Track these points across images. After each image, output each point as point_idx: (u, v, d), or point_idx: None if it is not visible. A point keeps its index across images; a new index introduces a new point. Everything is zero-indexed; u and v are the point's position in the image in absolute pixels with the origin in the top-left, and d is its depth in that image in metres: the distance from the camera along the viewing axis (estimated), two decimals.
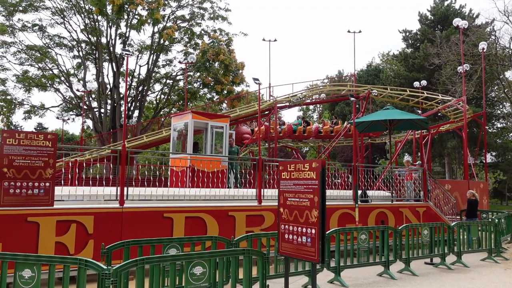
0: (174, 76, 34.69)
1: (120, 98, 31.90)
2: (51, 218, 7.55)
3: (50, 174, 7.63)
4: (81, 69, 33.19)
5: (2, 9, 29.86)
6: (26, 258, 4.60)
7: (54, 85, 32.84)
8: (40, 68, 31.90)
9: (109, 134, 29.58)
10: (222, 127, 14.27)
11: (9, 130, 7.59)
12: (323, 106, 52.21)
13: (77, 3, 30.80)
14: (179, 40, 34.13)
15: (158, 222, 8.59)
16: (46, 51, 31.66)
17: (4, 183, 7.23)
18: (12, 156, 7.33)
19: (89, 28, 31.17)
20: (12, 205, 7.30)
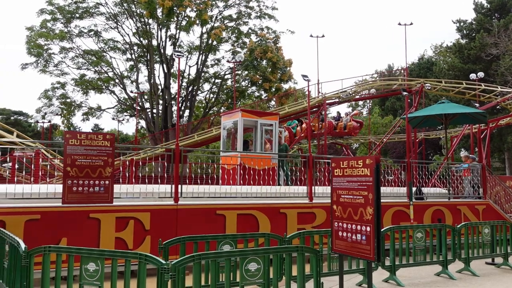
0: (222, 75, 35.15)
1: (171, 98, 32.75)
2: (111, 214, 7.89)
3: (109, 172, 7.98)
4: (134, 71, 34.37)
5: (60, 17, 31.47)
6: (90, 252, 4.83)
7: (109, 88, 34.20)
8: (96, 72, 33.33)
9: (162, 134, 30.45)
10: (271, 125, 14.31)
11: (71, 131, 8.01)
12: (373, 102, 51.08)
13: (129, 8, 31.91)
14: (227, 39, 34.54)
15: (211, 219, 8.76)
16: (102, 55, 33.04)
17: (67, 181, 7.64)
18: (74, 155, 7.73)
19: (141, 32, 32.20)
20: (75, 202, 7.71)
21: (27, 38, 30.95)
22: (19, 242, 5.43)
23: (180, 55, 10.13)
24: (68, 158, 7.67)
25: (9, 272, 5.88)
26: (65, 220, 7.60)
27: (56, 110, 27.50)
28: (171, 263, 4.49)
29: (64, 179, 7.66)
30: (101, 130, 51.85)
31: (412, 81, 24.66)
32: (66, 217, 7.62)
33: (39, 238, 6.98)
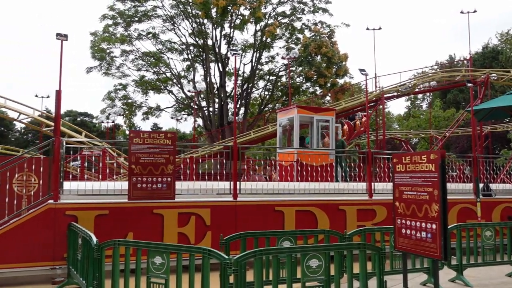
0: (277, 72, 35.18)
1: (227, 96, 33.23)
2: (173, 210, 8.17)
3: (171, 169, 8.25)
4: (190, 71, 35.21)
5: (121, 21, 32.84)
6: (157, 247, 5.03)
7: (168, 87, 35.26)
8: (155, 73, 34.48)
9: (218, 132, 31.01)
10: (328, 121, 14.16)
11: (135, 131, 8.36)
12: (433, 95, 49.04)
13: (185, 9, 32.70)
14: (281, 36, 34.49)
15: (269, 215, 8.82)
16: (160, 56, 34.12)
17: (132, 178, 7.98)
18: (138, 154, 8.06)
19: (196, 32, 32.91)
20: (140, 198, 8.04)
21: (91, 43, 32.59)
22: (91, 236, 5.76)
23: (236, 53, 10.27)
24: (133, 156, 8.01)
25: (82, 263, 6.25)
26: (131, 215, 7.96)
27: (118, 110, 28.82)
28: (234, 258, 4.58)
29: (129, 176, 8.02)
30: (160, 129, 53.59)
31: (477, 71, 23.43)
32: (132, 212, 7.97)
33: (108, 232, 7.35)
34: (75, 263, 6.75)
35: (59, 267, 7.50)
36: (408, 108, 55.72)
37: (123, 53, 33.41)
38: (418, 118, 46.59)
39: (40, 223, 7.45)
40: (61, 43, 7.83)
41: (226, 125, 31.18)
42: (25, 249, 7.34)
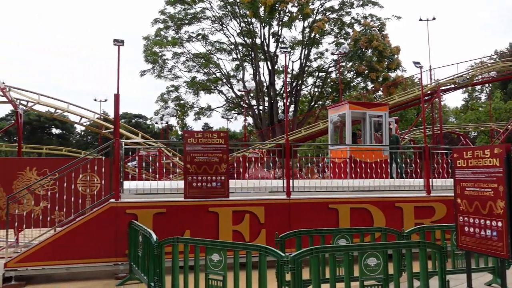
0: (326, 68, 34.79)
1: (276, 94, 33.27)
2: (228, 208, 8.30)
3: (224, 168, 8.38)
4: (239, 70, 35.57)
5: (172, 24, 33.72)
6: (214, 244, 5.13)
7: (218, 88, 35.83)
8: (205, 73, 35.13)
9: (269, 130, 31.12)
10: (380, 116, 13.83)
11: (189, 131, 8.56)
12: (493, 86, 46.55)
13: (233, 9, 33.06)
14: (329, 31, 34.07)
15: (323, 212, 8.75)
16: (209, 57, 34.72)
17: (188, 177, 8.19)
18: (193, 153, 8.25)
19: (245, 31, 33.18)
20: (195, 196, 8.23)
21: (144, 47, 33.71)
22: (151, 233, 5.97)
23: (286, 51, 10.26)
24: (188, 156, 8.20)
25: (143, 260, 6.50)
26: (187, 214, 8.17)
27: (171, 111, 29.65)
28: (290, 256, 4.59)
29: (184, 175, 8.23)
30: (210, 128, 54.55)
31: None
32: (188, 210, 8.18)
33: (166, 230, 7.58)
34: (136, 260, 7.03)
35: (121, 263, 7.83)
36: (466, 100, 53.24)
37: (174, 55, 34.30)
38: (476, 110, 44.39)
39: (103, 221, 7.81)
40: (118, 48, 8.16)
41: (276, 123, 31.22)
42: (89, 246, 7.72)
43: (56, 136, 54.62)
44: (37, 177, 8.63)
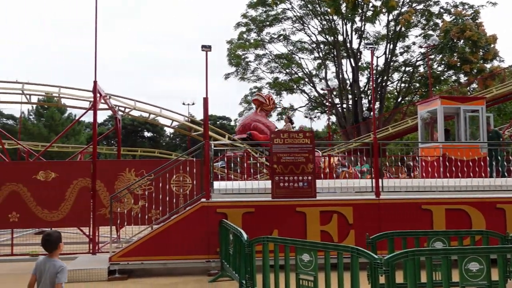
0: (413, 63, 33.23)
1: (360, 92, 32.46)
2: (315, 208, 8.26)
3: (311, 168, 8.34)
4: (321, 69, 35.23)
5: (254, 27, 34.35)
6: (304, 244, 5.13)
7: (300, 87, 35.80)
8: (287, 73, 35.29)
9: (353, 128, 30.45)
10: (476, 111, 12.90)
11: (275, 131, 8.65)
12: None
13: (313, 8, 32.84)
14: (416, 24, 32.48)
15: (415, 214, 8.37)
16: (291, 57, 34.82)
17: (275, 177, 8.28)
18: (279, 154, 8.32)
19: (326, 29, 32.79)
20: (283, 196, 8.30)
21: (228, 50, 34.70)
22: (241, 232, 6.12)
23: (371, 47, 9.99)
24: (274, 156, 8.30)
25: (234, 258, 6.69)
26: (275, 213, 8.27)
27: None
28: (384, 258, 4.44)
29: (272, 175, 8.33)
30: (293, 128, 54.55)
31: None
32: (275, 210, 8.27)
33: (255, 229, 7.69)
34: (227, 257, 7.25)
35: (213, 261, 8.13)
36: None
37: (256, 57, 34.90)
38: None
39: (195, 219, 8.17)
40: (206, 54, 8.50)
41: (361, 121, 30.44)
42: (183, 243, 8.12)
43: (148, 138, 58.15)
44: (135, 177, 9.25)
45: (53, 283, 3.95)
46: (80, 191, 9.39)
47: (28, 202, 9.32)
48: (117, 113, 12.10)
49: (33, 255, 9.78)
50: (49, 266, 4.01)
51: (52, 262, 4.04)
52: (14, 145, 19.10)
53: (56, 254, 4.15)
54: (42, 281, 3.99)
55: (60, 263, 4.06)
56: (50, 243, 4.11)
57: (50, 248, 4.12)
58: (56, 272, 3.97)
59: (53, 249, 4.11)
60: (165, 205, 8.75)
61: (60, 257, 4.24)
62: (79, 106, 12.18)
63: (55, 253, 4.13)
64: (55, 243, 4.11)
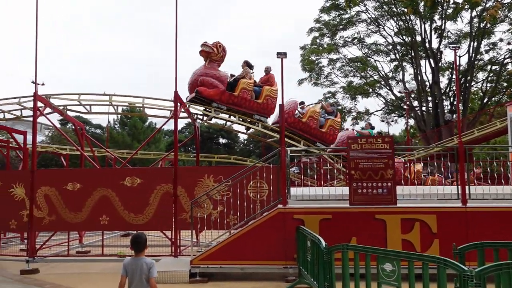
0: (500, 61, 30.97)
1: (441, 93, 30.86)
2: (396, 216, 7.97)
3: (390, 174, 8.07)
4: (398, 71, 34.02)
5: (327, 32, 34.04)
6: (386, 253, 4.97)
7: (376, 90, 34.82)
8: (362, 77, 34.50)
9: (434, 132, 28.98)
10: None
11: (352, 137, 8.49)
12: None
13: (389, 9, 31.84)
14: (503, 19, 30.25)
15: (507, 223, 7.76)
16: (366, 60, 34.01)
17: (353, 184, 8.11)
18: (357, 159, 8.16)
19: (403, 30, 31.63)
20: (361, 203, 8.11)
21: (301, 56, 34.69)
22: (319, 239, 6.07)
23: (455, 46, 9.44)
24: (352, 162, 8.14)
25: (312, 265, 6.64)
26: (353, 220, 8.09)
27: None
28: (475, 270, 4.17)
29: (349, 182, 8.17)
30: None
31: None
32: (354, 217, 8.10)
33: (332, 236, 7.58)
34: (305, 264, 7.21)
35: (290, 267, 8.13)
36: None
37: (330, 61, 34.52)
38: None
39: (272, 225, 8.23)
40: (281, 61, 8.56)
41: (443, 125, 28.89)
42: (261, 248, 8.21)
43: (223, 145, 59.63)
44: (214, 183, 9.53)
45: (147, 279, 4.33)
46: (163, 196, 9.85)
47: (116, 206, 9.96)
48: (196, 121, 12.56)
49: (120, 256, 10.40)
50: (140, 264, 4.37)
51: (142, 261, 4.42)
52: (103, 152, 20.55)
53: (143, 254, 4.50)
54: (136, 279, 4.34)
55: (150, 260, 4.44)
56: (139, 244, 4.50)
57: (139, 248, 4.49)
58: (148, 268, 4.36)
59: (141, 250, 4.49)
60: (242, 211, 8.91)
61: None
62: (160, 115, 12.82)
63: (142, 253, 4.49)
64: (143, 244, 4.52)
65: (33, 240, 10.34)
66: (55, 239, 12.33)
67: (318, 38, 34.36)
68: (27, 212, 10.30)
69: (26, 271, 9.84)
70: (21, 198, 10.45)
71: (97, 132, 44.72)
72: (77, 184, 10.14)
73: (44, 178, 10.34)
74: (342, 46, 34.19)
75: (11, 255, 11.18)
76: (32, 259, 10.08)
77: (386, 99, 34.81)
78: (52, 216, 10.17)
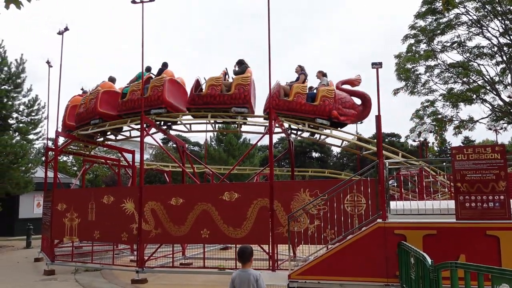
0: None
1: None
2: (510, 232, 7.26)
3: (503, 186, 7.41)
4: (506, 74, 31.28)
5: (423, 37, 32.46)
6: (503, 273, 4.55)
7: (480, 97, 32.32)
8: (464, 83, 32.25)
9: None
10: None
11: (457, 147, 7.95)
12: None
13: (493, 8, 29.56)
14: None
15: None
16: (468, 64, 31.78)
17: (459, 197, 7.58)
18: (463, 171, 7.62)
19: (510, 30, 29.13)
20: (469, 218, 7.53)
21: (396, 65, 33.41)
22: (424, 256, 5.74)
23: None
24: (458, 174, 7.62)
25: (416, 283, 6.28)
26: (460, 236, 7.53)
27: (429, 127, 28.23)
28: None
29: (455, 195, 7.65)
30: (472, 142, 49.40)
31: None
32: (461, 233, 7.53)
33: (437, 252, 7.13)
34: (408, 282, 6.85)
35: (392, 284, 7.77)
36: None
37: (427, 68, 32.80)
38: None
39: (371, 241, 7.96)
40: (377, 71, 8.36)
41: None
42: (360, 264, 7.97)
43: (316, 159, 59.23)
44: (310, 198, 9.50)
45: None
46: (260, 210, 10.05)
47: (216, 220, 10.36)
48: (290, 136, 12.67)
49: (220, 268, 10.77)
50: (248, 276, 4.63)
51: (249, 272, 4.67)
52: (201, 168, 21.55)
53: (249, 266, 4.74)
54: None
55: (256, 272, 4.72)
56: (245, 254, 4.78)
57: (245, 259, 4.76)
58: (255, 280, 4.60)
59: (247, 260, 4.75)
60: (340, 225, 8.75)
61: None
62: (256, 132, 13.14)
63: (248, 264, 4.74)
64: (249, 255, 4.81)
65: (142, 252, 11.11)
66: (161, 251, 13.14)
67: (414, 45, 32.90)
68: (136, 225, 11.12)
69: (136, 281, 10.60)
70: (131, 212, 11.32)
71: (195, 149, 47.06)
72: (180, 199, 10.74)
73: (151, 194, 11.11)
74: (440, 51, 32.33)
75: (122, 265, 12.13)
76: (141, 270, 10.82)
77: (493, 105, 32.10)
78: (158, 229, 10.86)
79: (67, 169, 41.10)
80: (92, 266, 12.47)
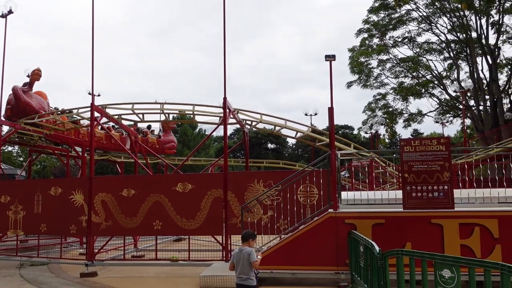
0: None
1: (500, 91, 29.30)
2: (453, 220, 7.62)
3: (447, 177, 7.74)
4: (453, 69, 32.67)
5: (376, 32, 33.28)
6: (444, 259, 4.75)
7: (428, 91, 33.59)
8: (414, 77, 33.39)
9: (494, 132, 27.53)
10: None
11: (405, 139, 8.22)
12: None
13: (441, 6, 30.70)
14: None
15: None
16: (417, 60, 32.91)
17: (406, 187, 7.85)
18: (410, 162, 7.89)
19: (457, 27, 30.38)
20: (415, 207, 7.82)
21: (349, 58, 34.10)
22: (373, 244, 5.90)
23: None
24: (405, 165, 7.88)
25: (365, 271, 6.47)
26: (407, 225, 7.82)
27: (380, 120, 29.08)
28: None
29: (403, 185, 7.91)
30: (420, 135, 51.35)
31: None
32: (408, 222, 7.83)
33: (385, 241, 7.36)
34: (358, 270, 7.04)
35: (342, 272, 7.97)
36: None
37: (380, 62, 33.70)
38: None
39: (323, 230, 8.11)
40: (330, 63, 8.48)
41: (502, 125, 27.40)
42: (312, 254, 8.11)
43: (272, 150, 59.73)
44: (264, 188, 9.54)
45: (249, 262, 5.59)
46: (214, 201, 9.99)
47: (169, 211, 10.21)
48: (245, 127, 12.66)
49: (173, 260, 10.65)
50: (244, 252, 5.66)
51: (245, 250, 5.70)
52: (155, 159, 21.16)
53: (246, 245, 5.76)
54: (241, 264, 5.63)
55: (249, 248, 5.72)
56: (245, 235, 5.88)
57: (243, 239, 5.85)
58: (248, 254, 5.62)
59: (245, 240, 5.82)
60: (292, 215, 8.85)
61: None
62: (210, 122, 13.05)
63: (246, 244, 5.79)
64: (248, 237, 5.85)
65: (92, 245, 10.79)
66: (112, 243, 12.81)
67: (367, 39, 33.68)
68: (85, 218, 10.77)
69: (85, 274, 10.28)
70: (80, 204, 10.95)
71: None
72: (132, 190, 10.50)
73: (101, 185, 10.78)
74: (392, 46, 33.29)
75: (71, 258, 11.73)
76: (91, 263, 10.51)
77: (440, 99, 33.49)
78: (108, 221, 10.57)
79: (12, 159, 39.27)
80: (38, 261, 11.99)
